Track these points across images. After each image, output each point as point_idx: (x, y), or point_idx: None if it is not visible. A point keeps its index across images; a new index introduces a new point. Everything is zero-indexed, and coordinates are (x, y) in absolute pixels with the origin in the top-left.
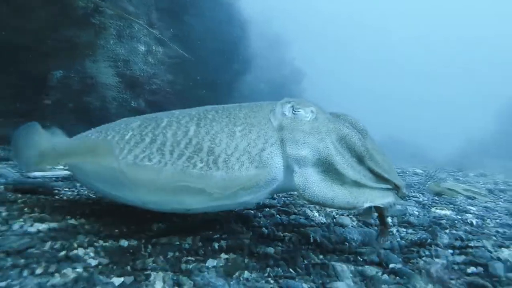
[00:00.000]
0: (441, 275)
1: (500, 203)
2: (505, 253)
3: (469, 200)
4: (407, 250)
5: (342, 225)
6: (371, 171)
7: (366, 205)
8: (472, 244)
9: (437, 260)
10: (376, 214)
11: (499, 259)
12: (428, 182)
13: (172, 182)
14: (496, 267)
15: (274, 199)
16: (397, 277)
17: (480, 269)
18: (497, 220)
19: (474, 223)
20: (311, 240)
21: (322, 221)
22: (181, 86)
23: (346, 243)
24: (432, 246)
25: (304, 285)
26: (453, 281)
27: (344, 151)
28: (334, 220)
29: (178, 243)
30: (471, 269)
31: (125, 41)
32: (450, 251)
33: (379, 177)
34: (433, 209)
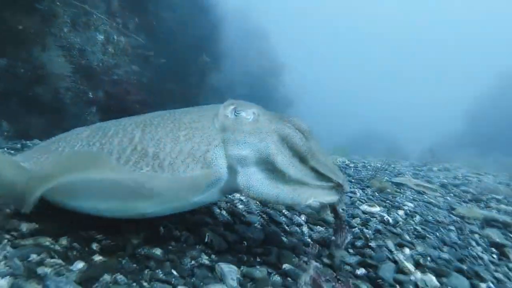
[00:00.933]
0: (316, 276)
1: (448, 198)
2: (405, 252)
3: (415, 195)
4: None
5: (248, 224)
6: (314, 170)
7: (309, 201)
8: (373, 244)
9: (329, 260)
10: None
11: (394, 260)
12: (377, 176)
13: (120, 188)
14: (385, 269)
15: None
16: (288, 278)
17: (370, 270)
18: (429, 217)
19: (391, 221)
20: (206, 240)
21: (227, 219)
22: (148, 78)
23: (245, 242)
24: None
25: (180, 287)
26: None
27: (286, 151)
28: (242, 219)
29: (47, 243)
30: (361, 271)
31: (81, 30)
32: (351, 250)
33: (322, 176)
34: (362, 206)
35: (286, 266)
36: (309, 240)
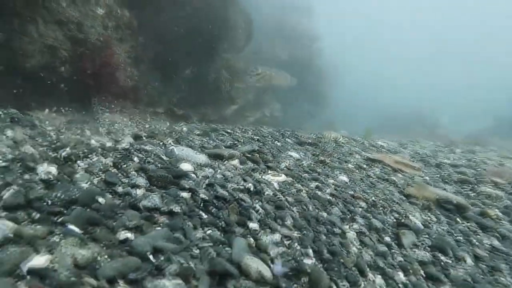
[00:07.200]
0: None
1: (427, 178)
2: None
3: (380, 171)
4: None
5: None
6: None
7: None
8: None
9: None
10: None
11: None
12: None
13: None
14: None
15: None
16: None
17: None
18: (349, 191)
19: (252, 189)
20: None
21: None
22: (156, 53)
23: None
24: None
25: None
26: None
27: None
28: None
29: None
30: None
31: (80, 4)
32: None
33: None
34: (267, 175)
35: None
36: None
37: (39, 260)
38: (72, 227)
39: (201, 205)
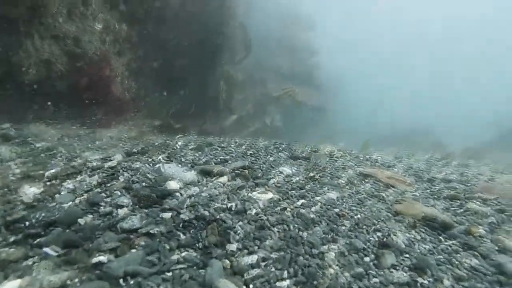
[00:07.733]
0: None
1: (417, 193)
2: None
3: (370, 187)
4: None
5: None
6: None
7: None
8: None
9: None
10: None
11: None
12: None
13: None
14: None
15: None
16: None
17: None
18: (335, 209)
19: (233, 208)
20: None
21: None
22: (159, 63)
23: None
24: None
25: None
26: None
27: None
28: None
29: None
30: None
31: (77, 20)
32: None
33: None
34: (254, 193)
35: None
36: None
37: (9, 286)
38: (48, 250)
39: (181, 226)
